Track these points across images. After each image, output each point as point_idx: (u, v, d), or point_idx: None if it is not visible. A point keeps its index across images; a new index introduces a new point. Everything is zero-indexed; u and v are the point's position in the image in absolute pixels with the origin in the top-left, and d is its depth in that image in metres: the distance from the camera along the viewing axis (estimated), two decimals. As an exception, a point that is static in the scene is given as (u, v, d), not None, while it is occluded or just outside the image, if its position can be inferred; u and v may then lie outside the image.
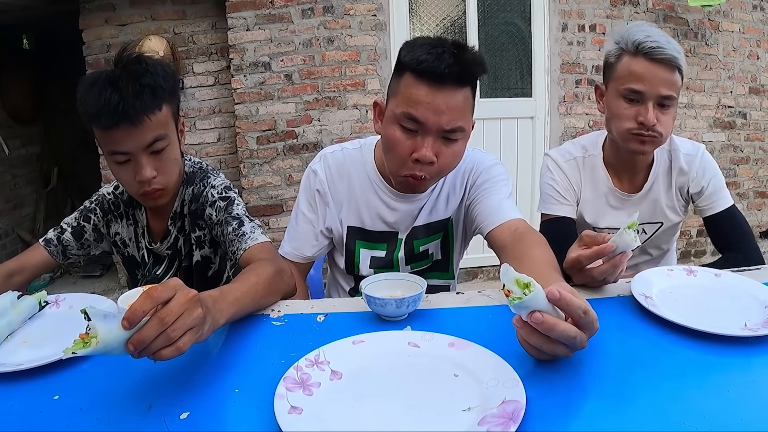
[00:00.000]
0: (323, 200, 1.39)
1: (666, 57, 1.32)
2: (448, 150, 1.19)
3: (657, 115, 1.36)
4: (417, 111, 1.14)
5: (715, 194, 1.52)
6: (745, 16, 4.00)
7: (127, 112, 1.11)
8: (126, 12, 3.49)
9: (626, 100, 1.39)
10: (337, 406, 0.74)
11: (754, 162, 4.18)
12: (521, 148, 3.80)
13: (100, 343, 0.70)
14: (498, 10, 3.67)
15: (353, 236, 1.41)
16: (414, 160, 1.18)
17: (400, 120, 1.17)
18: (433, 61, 1.11)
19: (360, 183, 1.38)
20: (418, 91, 1.14)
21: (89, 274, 4.33)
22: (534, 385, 0.75)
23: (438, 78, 1.12)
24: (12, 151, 4.55)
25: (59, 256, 1.40)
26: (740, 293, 1.09)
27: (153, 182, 1.21)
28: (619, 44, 1.40)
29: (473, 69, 1.16)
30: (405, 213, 1.38)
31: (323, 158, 1.41)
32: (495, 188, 1.34)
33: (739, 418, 0.70)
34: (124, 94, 1.11)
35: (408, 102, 1.15)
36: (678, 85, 1.37)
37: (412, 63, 1.13)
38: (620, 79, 1.40)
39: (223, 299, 0.90)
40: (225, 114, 3.65)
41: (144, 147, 1.17)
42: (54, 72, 4.88)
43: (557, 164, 1.58)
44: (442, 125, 1.15)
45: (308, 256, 1.42)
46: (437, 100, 1.13)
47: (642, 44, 1.33)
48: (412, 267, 1.44)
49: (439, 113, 1.14)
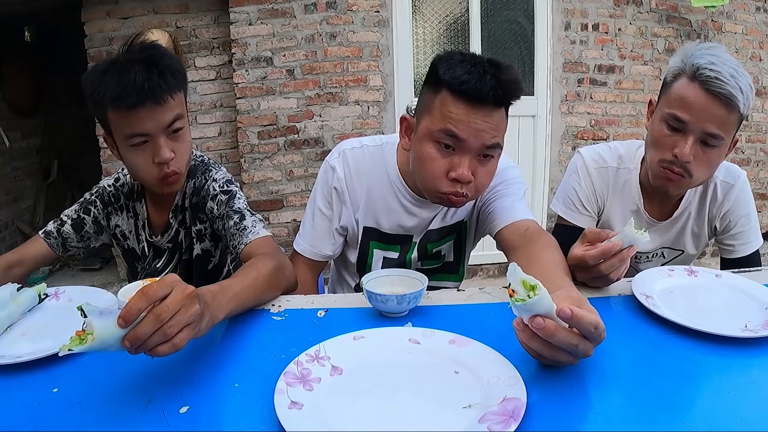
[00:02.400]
0: (340, 198, 1.36)
1: (723, 92, 1.16)
2: (483, 169, 1.18)
3: (696, 153, 1.22)
4: (458, 129, 1.12)
5: (742, 236, 1.43)
6: (748, 17, 3.99)
7: (153, 91, 1.12)
8: (128, 5, 3.48)
9: (668, 127, 1.26)
10: (338, 402, 0.74)
11: (755, 164, 4.18)
12: (523, 146, 3.79)
13: (96, 339, 0.70)
14: (501, 7, 3.66)
15: (368, 237, 1.40)
16: (452, 179, 1.16)
17: (437, 137, 1.15)
18: (476, 82, 1.09)
19: (380, 185, 1.35)
20: (458, 110, 1.12)
21: (88, 267, 4.33)
22: (534, 383, 0.75)
23: (480, 99, 1.11)
24: (12, 143, 4.54)
25: (59, 249, 1.40)
26: (741, 294, 1.09)
27: (171, 164, 1.21)
28: (682, 63, 1.25)
29: (513, 91, 1.14)
30: (423, 218, 1.37)
31: (342, 154, 1.37)
32: (509, 190, 1.32)
33: (739, 419, 0.70)
34: (149, 74, 1.12)
35: (447, 119, 1.13)
36: (730, 126, 1.21)
37: (454, 83, 1.11)
38: (669, 102, 1.26)
39: (223, 294, 0.90)
40: (226, 108, 3.64)
41: (165, 127, 1.17)
42: (55, 65, 4.87)
43: (587, 168, 1.47)
44: (484, 143, 1.14)
45: (328, 254, 1.40)
46: (478, 119, 1.12)
47: (701, 70, 1.19)
48: (423, 264, 1.44)
49: (480, 132, 1.12)
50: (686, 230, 1.46)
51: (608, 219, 1.49)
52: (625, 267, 1.05)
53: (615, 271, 1.04)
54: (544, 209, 3.87)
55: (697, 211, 1.44)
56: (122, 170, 1.45)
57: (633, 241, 1.02)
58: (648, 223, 1.45)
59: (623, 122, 3.87)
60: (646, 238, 1.01)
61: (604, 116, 3.85)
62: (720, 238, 1.47)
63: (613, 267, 1.03)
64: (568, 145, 3.82)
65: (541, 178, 3.85)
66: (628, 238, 1.02)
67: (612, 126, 3.87)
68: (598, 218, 1.51)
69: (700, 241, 1.49)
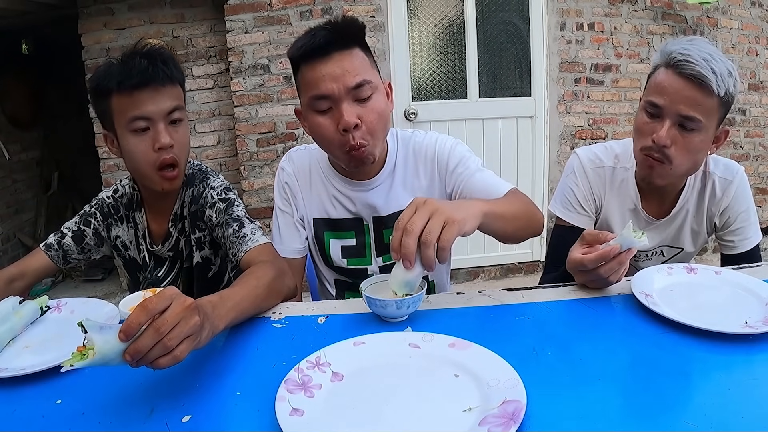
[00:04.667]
0: (292, 191, 1.43)
1: (693, 73, 1.18)
2: (366, 109, 1.22)
3: (674, 137, 1.23)
4: (319, 87, 1.19)
5: (741, 231, 1.43)
6: (743, 12, 4.00)
7: (156, 74, 1.21)
8: (125, 16, 3.50)
9: (647, 114, 1.28)
10: (339, 408, 0.74)
11: (754, 158, 4.18)
12: (521, 147, 3.80)
13: (98, 354, 0.71)
14: (496, 9, 3.67)
15: (321, 227, 1.44)
16: (342, 131, 1.20)
17: (313, 106, 1.22)
18: (311, 40, 1.18)
19: (319, 176, 1.43)
20: (313, 71, 1.19)
21: (91, 278, 4.33)
22: (534, 385, 0.75)
23: (322, 51, 1.18)
24: (12, 155, 4.55)
25: (60, 261, 1.41)
26: (740, 291, 1.09)
27: (170, 151, 1.25)
28: (660, 55, 1.28)
29: (349, 29, 1.22)
30: (362, 200, 1.39)
31: (289, 156, 1.48)
32: (469, 170, 1.35)
33: (740, 416, 0.70)
34: (152, 61, 1.21)
35: (310, 86, 1.21)
36: (708, 109, 1.21)
37: (298, 53, 1.21)
38: (647, 92, 1.29)
39: (223, 304, 0.90)
40: (224, 117, 3.65)
41: (165, 113, 1.24)
42: (53, 77, 4.89)
43: (583, 169, 1.47)
44: (347, 85, 1.19)
45: (298, 247, 1.43)
46: (330, 69, 1.18)
47: (672, 55, 1.22)
48: (384, 259, 1.44)
49: (338, 78, 1.18)
50: (685, 227, 1.46)
51: (606, 218, 1.49)
52: (624, 270, 1.05)
53: (614, 274, 1.05)
54: (544, 209, 3.86)
55: (696, 208, 1.44)
56: (120, 181, 1.46)
57: (631, 244, 1.02)
58: (646, 221, 1.45)
59: (621, 121, 3.88)
60: (644, 242, 1.02)
61: (602, 115, 3.85)
62: (720, 234, 1.47)
63: (612, 270, 1.04)
64: (567, 144, 3.83)
65: (540, 178, 3.85)
66: (627, 241, 1.02)
67: (610, 125, 3.87)
68: (597, 218, 1.51)
69: (699, 238, 1.49)
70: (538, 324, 1.01)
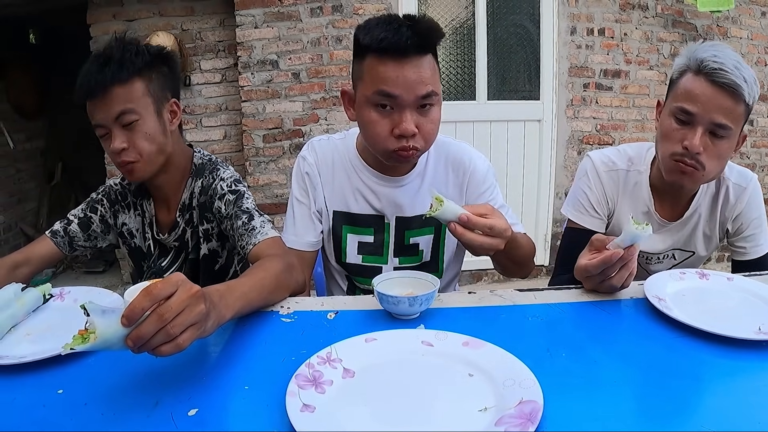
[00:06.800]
0: (312, 182, 1.41)
1: (727, 81, 1.18)
2: (426, 119, 1.20)
3: (705, 144, 1.23)
4: (389, 87, 1.15)
5: (753, 238, 1.43)
6: (753, 22, 3.98)
7: (91, 87, 1.19)
8: (134, 7, 3.49)
9: (677, 121, 1.27)
10: (350, 405, 0.73)
11: (760, 169, 4.16)
12: (528, 151, 3.78)
13: (99, 338, 0.69)
14: (507, 12, 3.65)
15: (339, 221, 1.41)
16: (397, 136, 1.19)
17: (373, 100, 1.19)
18: (393, 36, 1.13)
19: (344, 169, 1.40)
20: (385, 68, 1.15)
21: (92, 269, 4.32)
22: (549, 386, 0.74)
23: (401, 51, 1.14)
24: (16, 145, 4.54)
25: (66, 248, 1.39)
26: (752, 297, 1.09)
27: (122, 154, 1.24)
28: (687, 60, 1.27)
29: (432, 35, 1.18)
30: (388, 197, 1.38)
31: (311, 145, 1.45)
32: (494, 202, 1.36)
33: (756, 421, 0.70)
34: (91, 70, 1.19)
35: (377, 81, 1.17)
36: (737, 116, 1.22)
37: (374, 43, 1.15)
38: (676, 97, 1.27)
39: (230, 294, 0.89)
40: (231, 111, 3.64)
41: (113, 119, 1.22)
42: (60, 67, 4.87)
43: (597, 172, 1.47)
44: (417, 94, 1.16)
45: (312, 241, 1.41)
46: (405, 72, 1.15)
47: (705, 62, 1.21)
48: (401, 261, 1.43)
49: (411, 84, 1.15)
50: (697, 231, 1.46)
51: (618, 221, 1.48)
52: (631, 273, 1.05)
53: (619, 277, 1.05)
54: (550, 214, 3.85)
55: (709, 212, 1.44)
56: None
57: (636, 238, 1.01)
58: (659, 223, 1.44)
59: (629, 127, 3.86)
60: (648, 231, 1.01)
61: (610, 121, 3.83)
62: (731, 240, 1.47)
63: (623, 279, 1.05)
64: (574, 149, 3.81)
65: (547, 182, 3.83)
66: (630, 235, 1.01)
67: (618, 131, 3.85)
68: (609, 221, 1.50)
69: (711, 242, 1.49)
70: (551, 325, 1.00)
